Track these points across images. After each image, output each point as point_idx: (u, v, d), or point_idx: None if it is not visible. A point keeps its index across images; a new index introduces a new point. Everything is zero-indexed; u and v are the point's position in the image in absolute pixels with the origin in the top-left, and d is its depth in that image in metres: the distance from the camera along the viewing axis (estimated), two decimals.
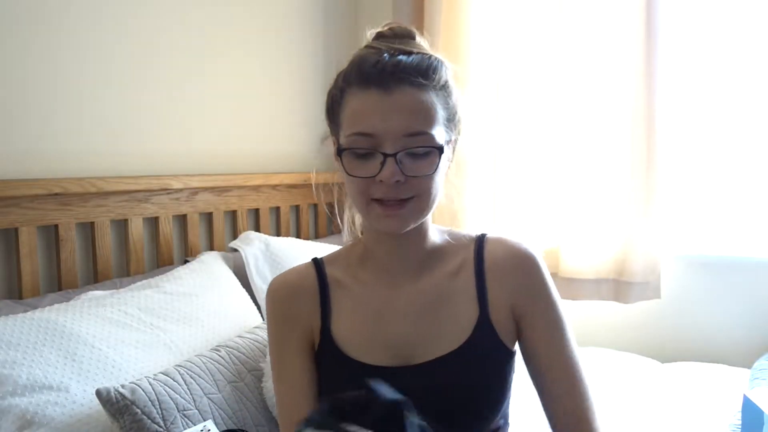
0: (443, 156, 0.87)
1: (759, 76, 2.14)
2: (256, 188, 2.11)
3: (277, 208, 2.23)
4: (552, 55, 2.23)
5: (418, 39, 0.93)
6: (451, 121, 0.91)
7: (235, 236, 2.03)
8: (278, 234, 2.22)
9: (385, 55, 0.86)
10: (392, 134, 0.84)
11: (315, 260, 1.02)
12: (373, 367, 0.92)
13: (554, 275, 2.28)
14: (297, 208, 2.33)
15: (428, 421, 0.88)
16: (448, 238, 0.98)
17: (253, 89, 2.17)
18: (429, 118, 0.85)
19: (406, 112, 0.84)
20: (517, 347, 0.97)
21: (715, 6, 2.18)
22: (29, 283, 1.48)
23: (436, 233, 0.98)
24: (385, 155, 0.84)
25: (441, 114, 0.87)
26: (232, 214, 2.05)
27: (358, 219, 1.00)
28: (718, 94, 2.20)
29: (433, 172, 0.86)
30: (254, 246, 1.86)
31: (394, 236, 0.93)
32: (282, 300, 0.99)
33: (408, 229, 0.89)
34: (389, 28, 0.93)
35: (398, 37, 0.92)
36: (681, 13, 2.19)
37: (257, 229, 2.12)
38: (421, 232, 0.95)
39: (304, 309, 0.97)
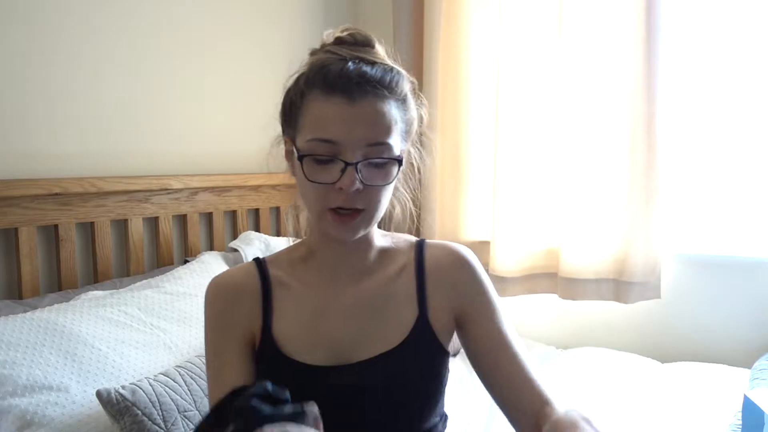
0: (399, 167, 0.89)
1: (759, 77, 2.14)
2: (256, 188, 2.11)
3: (277, 208, 2.23)
4: (552, 54, 2.23)
5: (377, 47, 0.94)
6: (407, 132, 0.93)
7: (235, 236, 2.03)
8: (278, 234, 2.22)
9: (350, 63, 0.87)
10: (354, 143, 0.85)
11: (257, 260, 1.02)
12: (312, 366, 0.92)
13: (554, 275, 2.28)
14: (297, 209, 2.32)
15: (366, 418, 0.90)
16: (391, 241, 1.01)
17: (253, 89, 2.17)
18: (389, 129, 0.87)
19: (369, 122, 0.85)
20: (452, 348, 1.00)
21: (715, 6, 2.18)
22: (29, 283, 1.47)
23: (379, 237, 1.01)
24: (347, 163, 0.85)
25: (400, 126, 0.89)
26: (232, 214, 2.05)
27: (303, 219, 1.02)
28: (718, 94, 2.20)
29: (390, 182, 0.88)
30: (254, 246, 1.87)
31: (340, 242, 0.94)
32: (221, 303, 0.98)
33: (358, 237, 0.91)
34: (349, 34, 0.93)
35: (359, 45, 0.92)
36: (681, 13, 2.19)
37: (257, 229, 2.12)
38: (368, 236, 0.97)
39: (244, 311, 0.97)
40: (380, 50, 0.94)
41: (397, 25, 2.42)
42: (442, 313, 0.96)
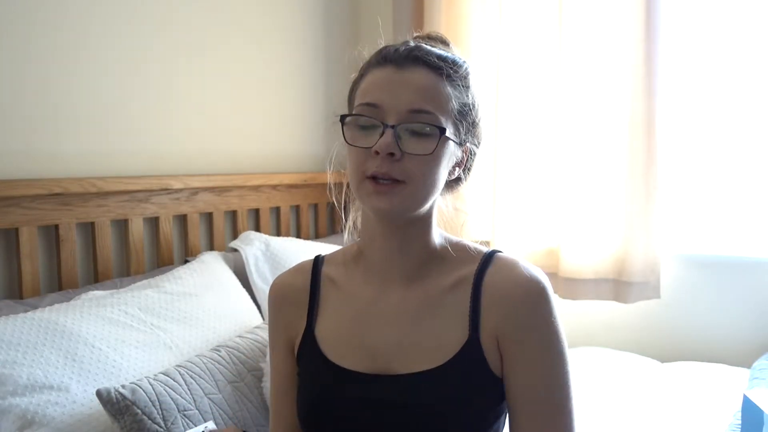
0: (446, 144, 0.85)
1: (759, 76, 2.14)
2: (256, 188, 2.11)
3: (277, 208, 2.23)
4: (552, 54, 2.23)
5: (453, 47, 0.94)
6: (464, 117, 0.88)
7: (235, 236, 2.03)
8: (278, 234, 2.22)
9: (411, 43, 0.88)
10: (397, 107, 0.83)
11: (316, 258, 1.01)
12: (349, 371, 0.90)
13: (554, 275, 2.28)
14: (297, 208, 2.33)
15: None
16: (454, 248, 0.93)
17: (253, 89, 2.17)
18: (437, 101, 0.85)
19: (414, 88, 0.84)
20: None
21: (715, 6, 2.19)
22: (29, 283, 1.48)
23: (440, 239, 0.94)
24: (385, 125, 0.83)
25: (452, 105, 0.86)
26: (232, 214, 2.05)
27: (357, 217, 0.98)
28: (718, 93, 2.20)
29: (430, 153, 0.83)
30: (254, 246, 1.87)
31: (388, 235, 0.90)
32: (274, 303, 1.00)
33: (398, 212, 0.85)
34: (426, 33, 0.95)
35: (432, 40, 0.93)
36: (681, 13, 2.19)
37: (257, 229, 2.12)
38: (419, 233, 0.90)
39: (291, 312, 0.98)
40: (454, 50, 0.93)
41: (397, 25, 2.43)
42: (491, 337, 0.86)
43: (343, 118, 0.87)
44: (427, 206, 0.89)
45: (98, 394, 1.14)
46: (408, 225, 0.89)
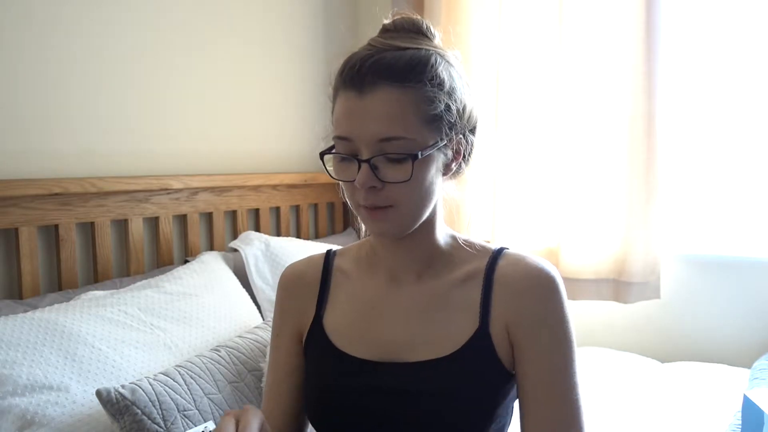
0: (428, 158, 0.83)
1: (759, 76, 2.14)
2: (256, 188, 2.11)
3: (277, 208, 2.23)
4: (552, 53, 2.23)
5: (428, 32, 0.90)
6: (441, 117, 0.84)
7: (235, 236, 2.03)
8: (278, 234, 2.22)
9: (370, 54, 0.83)
10: (366, 139, 0.81)
11: (328, 252, 1.03)
12: (356, 359, 0.91)
13: None
14: (297, 208, 2.33)
15: (402, 422, 0.86)
16: (463, 245, 0.94)
17: (253, 89, 2.17)
18: (406, 121, 0.81)
19: (378, 116, 0.81)
20: None
21: (715, 6, 2.19)
22: (29, 283, 1.48)
23: (447, 238, 0.95)
24: (359, 161, 0.82)
25: (425, 114, 0.82)
26: (232, 214, 2.05)
27: None
28: (718, 93, 2.20)
29: (409, 179, 0.81)
30: (254, 246, 1.87)
31: (394, 239, 0.91)
32: (284, 289, 1.02)
33: (396, 234, 0.87)
34: (392, 22, 0.90)
35: (401, 31, 0.88)
36: (681, 13, 2.19)
37: (257, 229, 2.12)
38: (424, 234, 0.92)
39: (300, 300, 0.99)
40: (431, 35, 0.89)
41: None
42: (501, 329, 0.88)
43: (322, 155, 0.87)
44: (426, 216, 0.89)
45: (98, 394, 1.14)
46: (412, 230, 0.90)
